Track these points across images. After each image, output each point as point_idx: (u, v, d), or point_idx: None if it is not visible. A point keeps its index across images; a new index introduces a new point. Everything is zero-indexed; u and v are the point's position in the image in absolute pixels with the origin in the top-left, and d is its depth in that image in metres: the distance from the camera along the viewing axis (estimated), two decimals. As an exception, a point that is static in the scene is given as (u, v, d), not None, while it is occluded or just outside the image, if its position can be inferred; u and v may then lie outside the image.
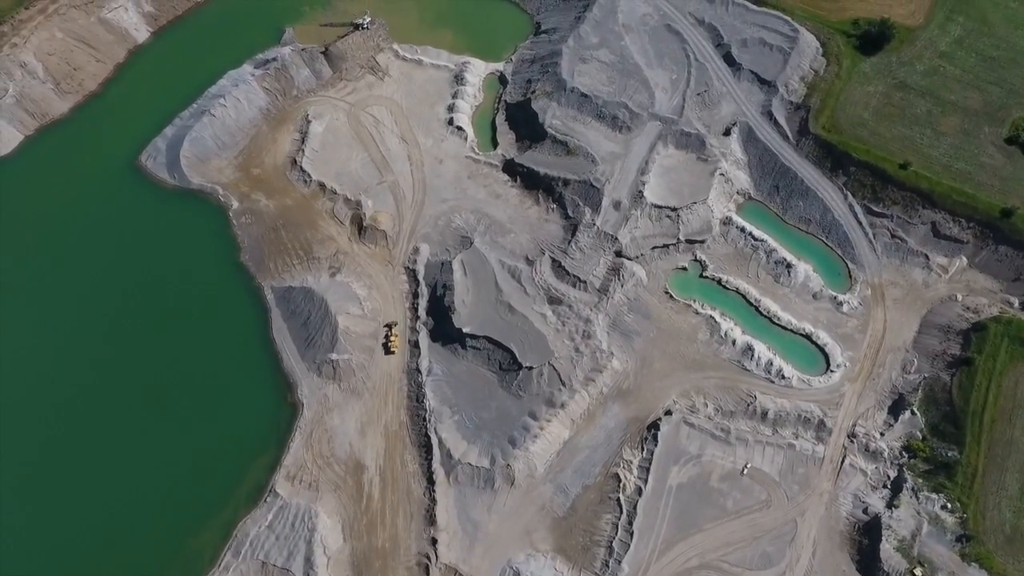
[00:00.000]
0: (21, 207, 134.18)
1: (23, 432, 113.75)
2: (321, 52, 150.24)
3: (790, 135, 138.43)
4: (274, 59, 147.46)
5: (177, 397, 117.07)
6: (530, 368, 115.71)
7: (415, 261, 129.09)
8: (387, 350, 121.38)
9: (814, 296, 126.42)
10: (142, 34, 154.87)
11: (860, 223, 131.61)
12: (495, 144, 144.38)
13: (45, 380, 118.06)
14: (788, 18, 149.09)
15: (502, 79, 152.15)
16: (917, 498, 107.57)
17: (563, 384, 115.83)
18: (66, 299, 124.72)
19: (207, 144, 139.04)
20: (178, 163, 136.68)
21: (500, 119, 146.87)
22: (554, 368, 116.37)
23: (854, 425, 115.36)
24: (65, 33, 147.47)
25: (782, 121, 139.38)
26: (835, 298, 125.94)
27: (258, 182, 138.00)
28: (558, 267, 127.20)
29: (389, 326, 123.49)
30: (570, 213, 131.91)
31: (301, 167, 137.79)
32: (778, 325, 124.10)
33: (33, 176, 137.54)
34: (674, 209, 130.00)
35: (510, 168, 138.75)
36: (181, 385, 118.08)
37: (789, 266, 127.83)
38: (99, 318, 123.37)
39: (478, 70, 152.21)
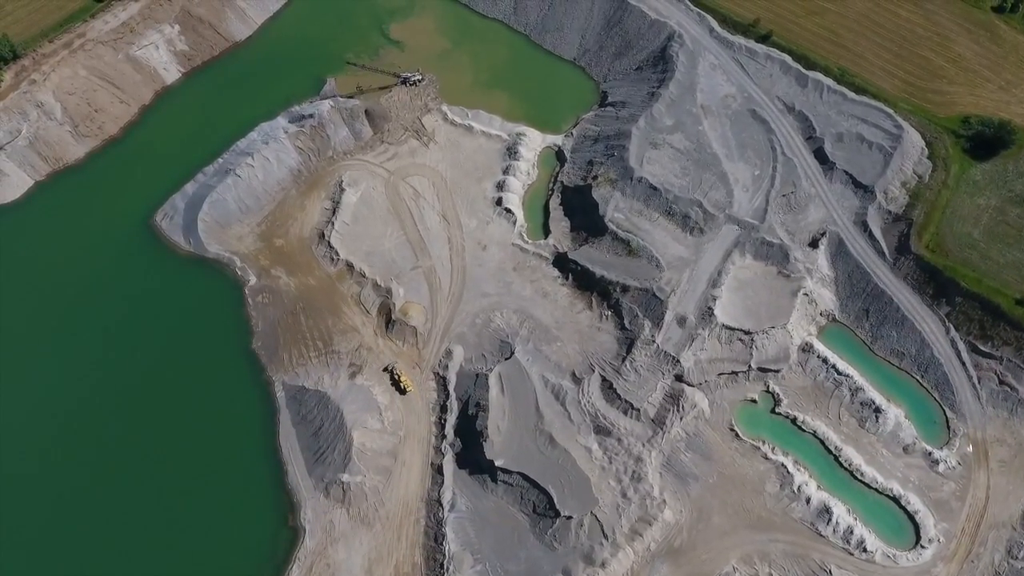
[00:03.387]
0: (20, 261, 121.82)
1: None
2: (363, 110, 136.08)
3: (887, 251, 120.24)
4: (311, 115, 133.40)
5: (163, 508, 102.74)
6: (569, 517, 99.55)
7: (447, 367, 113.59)
8: (402, 391, 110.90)
9: (905, 449, 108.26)
10: (172, 75, 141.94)
11: (964, 364, 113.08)
12: (546, 231, 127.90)
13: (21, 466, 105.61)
14: (891, 111, 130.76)
15: (560, 155, 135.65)
16: None
17: (605, 537, 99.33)
18: (52, 378, 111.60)
19: (229, 208, 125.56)
20: (195, 227, 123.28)
21: (554, 203, 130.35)
22: (596, 518, 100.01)
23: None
24: (89, 71, 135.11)
25: (878, 234, 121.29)
26: (930, 454, 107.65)
27: (280, 255, 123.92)
28: (608, 388, 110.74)
29: (389, 368, 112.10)
30: (627, 324, 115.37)
31: (329, 242, 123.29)
32: (861, 481, 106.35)
33: (38, 227, 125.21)
34: (748, 332, 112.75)
35: (561, 263, 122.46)
36: (169, 493, 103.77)
37: (878, 410, 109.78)
38: (87, 402, 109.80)
39: (534, 143, 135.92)
